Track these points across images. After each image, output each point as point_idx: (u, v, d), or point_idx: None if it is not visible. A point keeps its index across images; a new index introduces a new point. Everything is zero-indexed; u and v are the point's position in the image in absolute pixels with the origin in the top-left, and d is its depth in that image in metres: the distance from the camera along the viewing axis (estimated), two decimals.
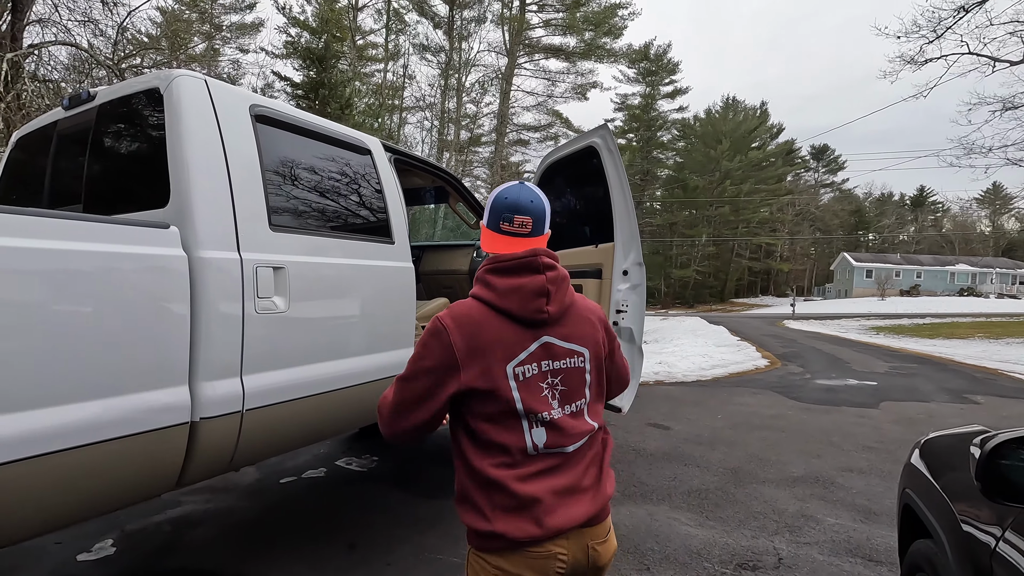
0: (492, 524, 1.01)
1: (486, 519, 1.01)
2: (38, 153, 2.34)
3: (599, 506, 1.09)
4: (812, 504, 3.33)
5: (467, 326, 1.04)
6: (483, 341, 1.03)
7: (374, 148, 2.60)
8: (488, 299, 1.07)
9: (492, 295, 1.07)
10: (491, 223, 1.13)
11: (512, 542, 1.00)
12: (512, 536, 1.00)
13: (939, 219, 70.38)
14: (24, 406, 1.30)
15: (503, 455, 1.03)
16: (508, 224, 1.11)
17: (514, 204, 1.11)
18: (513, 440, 1.04)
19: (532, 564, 1.02)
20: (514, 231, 1.11)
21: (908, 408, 6.17)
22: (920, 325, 19.85)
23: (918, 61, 13.56)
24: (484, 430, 1.04)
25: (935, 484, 1.56)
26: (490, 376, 1.02)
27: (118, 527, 2.81)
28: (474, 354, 1.02)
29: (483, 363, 1.02)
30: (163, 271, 1.60)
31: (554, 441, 1.06)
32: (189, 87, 1.82)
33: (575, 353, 1.12)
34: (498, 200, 1.13)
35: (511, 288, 1.06)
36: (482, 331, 1.04)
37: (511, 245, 1.11)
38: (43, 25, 8.54)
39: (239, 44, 28.74)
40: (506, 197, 1.12)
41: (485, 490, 1.03)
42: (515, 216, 1.10)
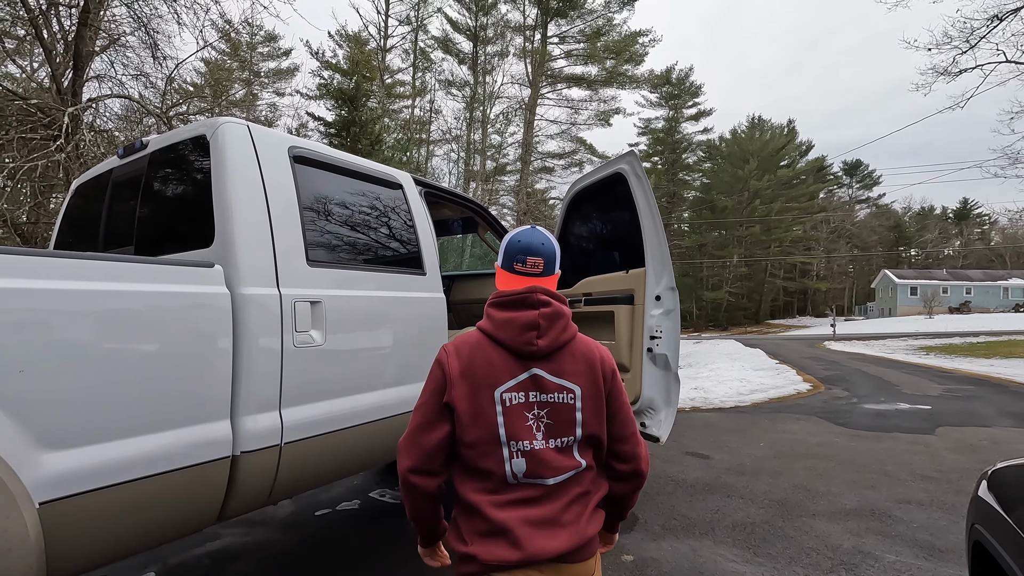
0: (469, 547, 1.07)
1: (464, 542, 1.08)
2: (94, 199, 2.49)
3: (577, 543, 1.09)
4: (869, 539, 3.12)
5: (464, 352, 1.14)
6: (475, 366, 1.12)
7: (405, 182, 2.67)
8: (486, 329, 1.16)
9: (490, 325, 1.16)
10: (505, 264, 1.22)
11: (485, 565, 1.05)
12: (484, 559, 1.05)
13: (987, 232, 67.23)
14: (77, 443, 1.36)
15: (483, 480, 1.10)
16: (521, 264, 1.19)
17: (526, 246, 1.20)
18: (493, 466, 1.09)
19: None
20: (526, 271, 1.19)
21: (968, 434, 5.78)
22: (974, 344, 18.74)
23: (952, 72, 13.22)
24: (468, 455, 1.11)
25: (1008, 520, 1.44)
26: (476, 398, 1.10)
27: (160, 560, 2.85)
28: (464, 376, 1.11)
29: (471, 384, 1.11)
30: (208, 308, 1.66)
31: (533, 471, 1.10)
32: (233, 133, 1.92)
33: (565, 389, 1.15)
34: (512, 243, 1.21)
35: (505, 320, 1.15)
36: (476, 357, 1.13)
37: (516, 282, 1.20)
38: (100, 80, 9.24)
39: (276, 88, 30.37)
40: (519, 240, 1.21)
41: (467, 514, 1.11)
42: (527, 257, 1.19)
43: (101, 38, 8.98)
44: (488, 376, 1.11)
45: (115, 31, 9.16)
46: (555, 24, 29.12)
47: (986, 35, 12.52)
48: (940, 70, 13.30)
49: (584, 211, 3.36)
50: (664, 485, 4.10)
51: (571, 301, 3.11)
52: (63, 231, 2.70)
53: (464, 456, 1.11)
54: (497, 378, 1.12)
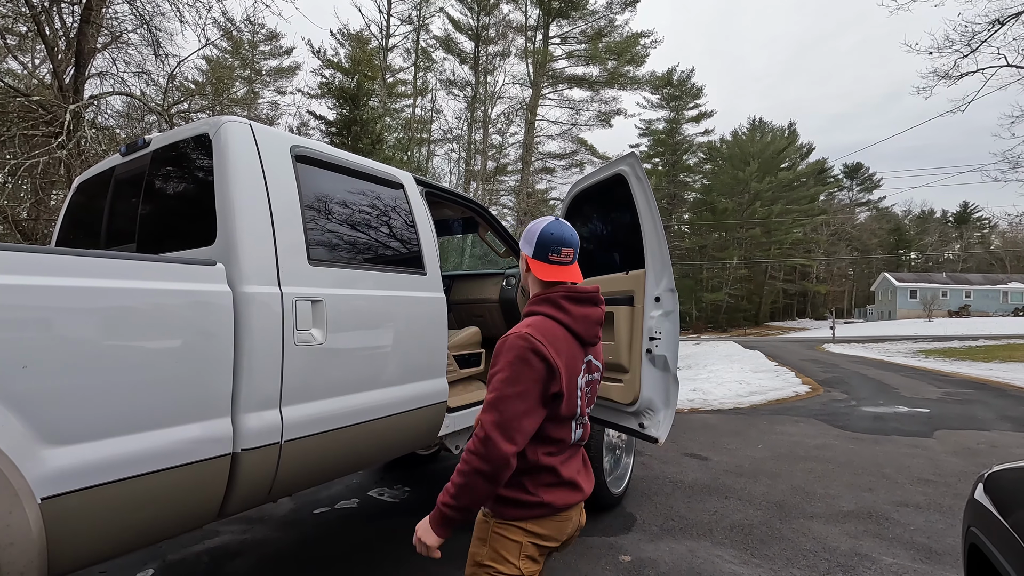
0: (539, 497, 1.27)
1: (531, 494, 1.27)
2: (96, 196, 2.50)
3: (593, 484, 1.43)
4: (866, 541, 3.13)
5: (556, 344, 1.25)
6: (565, 355, 1.26)
7: (406, 182, 2.68)
8: (564, 321, 1.30)
9: (568, 318, 1.30)
10: (539, 254, 1.35)
11: (555, 509, 1.29)
12: (556, 504, 1.29)
13: (986, 236, 67.22)
14: (79, 439, 1.36)
15: (555, 446, 1.30)
16: (556, 255, 1.34)
17: (560, 238, 1.34)
18: (565, 435, 1.32)
19: (558, 526, 1.31)
20: (560, 260, 1.34)
21: (966, 437, 5.79)
22: (973, 348, 18.74)
23: (953, 76, 13.21)
24: (549, 428, 1.28)
25: (1004, 523, 1.45)
26: (570, 385, 1.28)
27: (159, 557, 2.86)
28: (564, 366, 1.26)
29: (568, 373, 1.27)
30: (209, 306, 1.67)
31: (581, 436, 1.39)
32: (236, 132, 1.93)
33: (599, 368, 1.42)
34: (545, 235, 1.34)
35: (583, 316, 1.32)
36: (562, 348, 1.27)
37: (559, 272, 1.35)
38: (102, 77, 9.23)
39: (277, 87, 30.39)
40: (552, 232, 1.34)
41: (533, 473, 1.28)
42: (562, 248, 1.34)
43: (103, 35, 8.98)
44: (574, 365, 1.29)
45: (117, 28, 9.17)
46: (557, 25, 29.13)
47: (987, 39, 12.52)
48: (941, 74, 13.30)
49: (584, 212, 3.37)
50: (662, 486, 4.11)
51: None
52: (65, 228, 2.71)
53: (544, 427, 1.27)
54: (577, 366, 1.30)
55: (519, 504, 1.27)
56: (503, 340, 1.27)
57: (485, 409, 1.21)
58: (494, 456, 1.16)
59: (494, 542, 1.29)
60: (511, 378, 1.20)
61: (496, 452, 1.16)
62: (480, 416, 1.22)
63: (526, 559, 1.27)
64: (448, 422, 2.69)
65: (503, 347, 1.25)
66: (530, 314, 1.34)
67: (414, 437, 2.52)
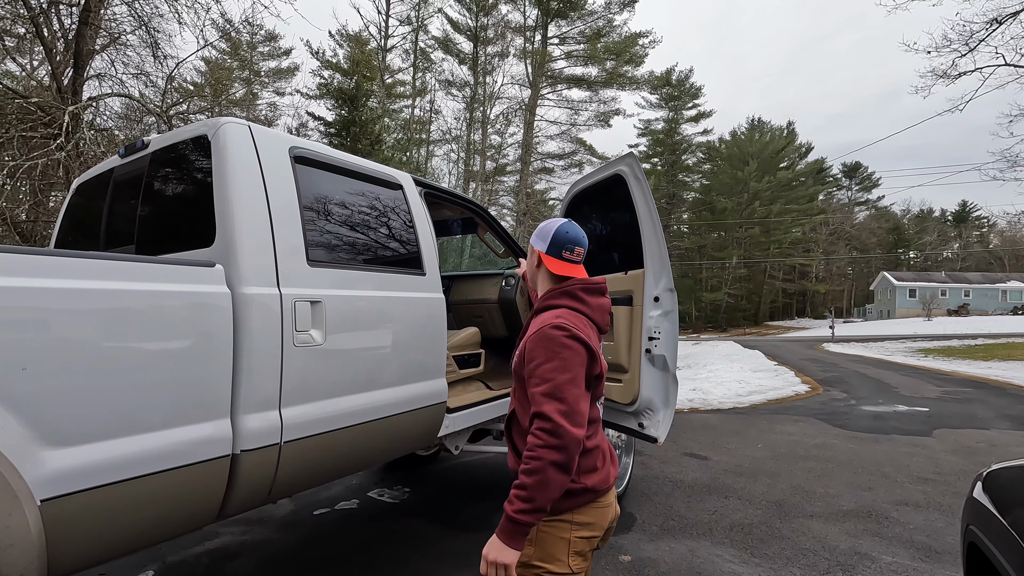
0: (581, 483, 1.29)
1: (574, 481, 1.27)
2: (95, 198, 2.50)
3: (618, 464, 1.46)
4: (866, 540, 3.13)
5: (582, 329, 1.32)
6: (591, 341, 1.32)
7: (405, 183, 2.68)
8: (584, 311, 1.38)
9: (588, 308, 1.39)
10: (553, 250, 1.45)
11: (597, 493, 1.32)
12: (599, 488, 1.31)
13: (985, 235, 67.29)
14: (79, 440, 1.36)
15: (591, 428, 1.33)
16: (570, 253, 1.44)
17: (575, 238, 1.45)
18: (596, 414, 1.37)
19: (601, 513, 1.33)
20: (572, 259, 1.45)
21: (966, 436, 5.80)
22: (972, 346, 18.76)
23: (951, 75, 13.22)
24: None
25: (1003, 521, 1.45)
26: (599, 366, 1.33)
27: (159, 558, 2.86)
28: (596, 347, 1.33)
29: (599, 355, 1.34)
30: (208, 307, 1.67)
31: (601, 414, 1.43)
32: (235, 133, 1.93)
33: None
34: (560, 233, 1.45)
35: (599, 305, 1.42)
36: (589, 334, 1.33)
37: (570, 269, 1.44)
38: (100, 79, 9.22)
39: (276, 87, 30.38)
40: (567, 232, 1.45)
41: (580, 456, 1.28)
42: (575, 247, 1.45)
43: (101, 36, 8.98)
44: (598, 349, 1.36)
45: (116, 30, 9.16)
46: (555, 25, 29.12)
47: (985, 38, 12.54)
48: (939, 73, 13.31)
49: (583, 212, 3.37)
50: (662, 486, 4.11)
51: None
52: (64, 230, 2.71)
53: None
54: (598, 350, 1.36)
55: (568, 492, 1.27)
56: (538, 334, 1.29)
57: (542, 401, 1.21)
58: (569, 441, 1.17)
59: (542, 541, 1.27)
60: (561, 365, 1.23)
61: (570, 436, 1.17)
62: (538, 409, 1.21)
63: (575, 556, 1.28)
64: (448, 423, 2.69)
65: (540, 340, 1.28)
66: (549, 307, 1.39)
67: (414, 438, 2.52)
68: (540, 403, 1.21)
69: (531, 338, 1.32)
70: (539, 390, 1.23)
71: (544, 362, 1.25)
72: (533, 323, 1.41)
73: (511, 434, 1.44)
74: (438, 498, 3.88)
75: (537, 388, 1.24)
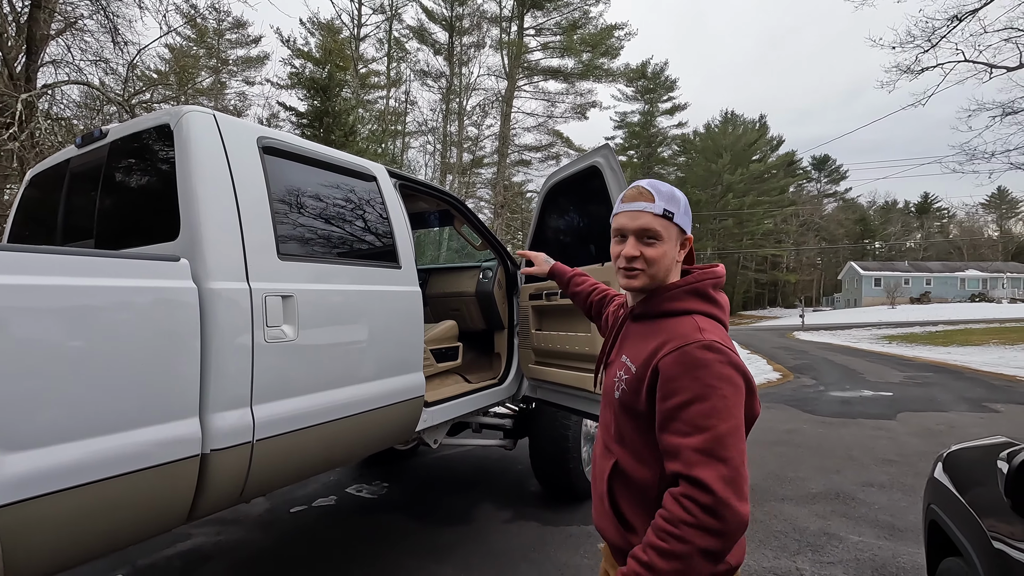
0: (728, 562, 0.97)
1: None
2: (51, 190, 2.38)
3: None
4: (834, 521, 3.24)
5: (736, 351, 0.97)
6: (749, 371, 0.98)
7: (379, 175, 2.64)
8: (721, 318, 1.05)
9: (722, 313, 1.05)
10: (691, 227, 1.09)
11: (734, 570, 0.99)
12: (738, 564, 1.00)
13: (946, 225, 70.04)
14: (36, 444, 1.30)
15: None
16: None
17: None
18: None
19: None
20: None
21: (927, 419, 6.05)
22: (933, 333, 19.57)
23: (914, 70, 13.65)
24: None
25: (961, 499, 1.52)
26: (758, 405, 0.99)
27: (129, 563, 2.78)
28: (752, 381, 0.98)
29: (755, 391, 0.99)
30: (174, 303, 1.61)
31: None
32: (199, 122, 1.86)
33: None
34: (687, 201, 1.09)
35: (726, 306, 1.08)
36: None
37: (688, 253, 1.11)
38: (56, 65, 8.80)
39: (245, 77, 29.51)
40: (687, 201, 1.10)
41: None
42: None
43: (57, 21, 8.56)
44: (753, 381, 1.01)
45: (71, 14, 8.75)
46: (531, 16, 28.99)
47: (946, 35, 12.96)
48: (903, 68, 13.71)
49: (560, 204, 3.37)
50: None
51: (547, 294, 3.12)
52: (18, 223, 2.58)
53: None
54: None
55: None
56: (682, 357, 0.93)
57: (697, 460, 0.86)
58: (734, 526, 0.84)
59: None
60: (721, 408, 0.88)
61: (736, 519, 0.84)
62: (690, 472, 0.86)
63: None
64: (426, 416, 2.67)
65: (688, 366, 0.92)
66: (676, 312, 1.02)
67: (391, 433, 2.49)
68: (692, 463, 0.86)
69: (671, 360, 0.93)
70: (689, 443, 0.88)
71: (695, 401, 0.89)
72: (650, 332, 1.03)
73: (613, 493, 1.05)
74: (418, 492, 3.86)
75: (685, 440, 0.88)
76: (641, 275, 1.05)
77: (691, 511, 0.84)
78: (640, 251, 1.04)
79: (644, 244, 1.04)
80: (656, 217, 1.04)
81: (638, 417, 1.00)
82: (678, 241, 1.07)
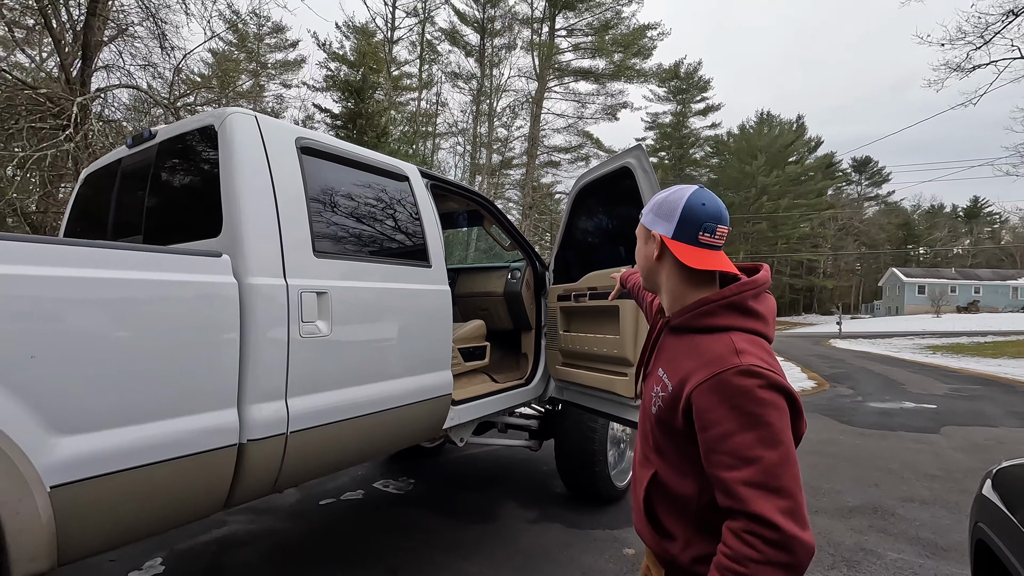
0: None
1: None
2: (103, 188, 2.51)
3: None
4: (871, 537, 3.12)
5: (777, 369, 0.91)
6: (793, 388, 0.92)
7: (411, 175, 2.67)
8: (764, 332, 0.96)
9: (764, 326, 0.97)
10: (687, 235, 0.98)
11: None
12: None
13: (997, 231, 66.50)
14: (88, 428, 1.38)
15: None
16: (709, 236, 0.97)
17: (715, 213, 0.98)
18: None
19: None
20: (714, 243, 0.98)
21: (973, 433, 5.75)
22: (981, 344, 18.59)
23: (965, 68, 13.05)
24: None
25: (1012, 518, 1.44)
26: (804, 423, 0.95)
27: (168, 546, 2.89)
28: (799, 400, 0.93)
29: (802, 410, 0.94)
30: (215, 298, 1.68)
31: None
32: (241, 123, 1.93)
33: None
34: (694, 207, 0.98)
35: (771, 315, 0.99)
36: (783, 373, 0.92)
37: (714, 260, 0.98)
38: (108, 70, 9.26)
39: (283, 80, 30.37)
40: (703, 204, 0.98)
41: None
42: (718, 227, 0.98)
43: (109, 28, 9.00)
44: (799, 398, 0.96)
45: (123, 21, 9.18)
46: (563, 17, 28.88)
47: (1001, 31, 12.34)
48: (953, 66, 13.14)
49: (589, 205, 3.35)
50: None
51: (576, 295, 3.11)
52: (72, 220, 2.72)
53: None
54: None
55: None
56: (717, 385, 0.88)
57: (752, 496, 0.82)
58: (803, 557, 0.81)
59: None
60: (767, 436, 0.84)
61: (805, 550, 0.81)
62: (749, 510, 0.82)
63: None
64: (453, 415, 2.69)
65: (724, 395, 0.87)
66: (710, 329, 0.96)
67: (419, 429, 2.53)
68: (746, 498, 0.83)
69: (706, 389, 0.89)
70: (739, 476, 0.84)
71: (736, 432, 0.85)
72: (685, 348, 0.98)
73: (651, 502, 1.03)
74: (443, 490, 3.90)
75: (733, 474, 0.84)
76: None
77: (757, 547, 0.81)
78: None
79: None
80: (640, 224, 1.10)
81: (675, 434, 0.97)
82: (646, 240, 1.08)
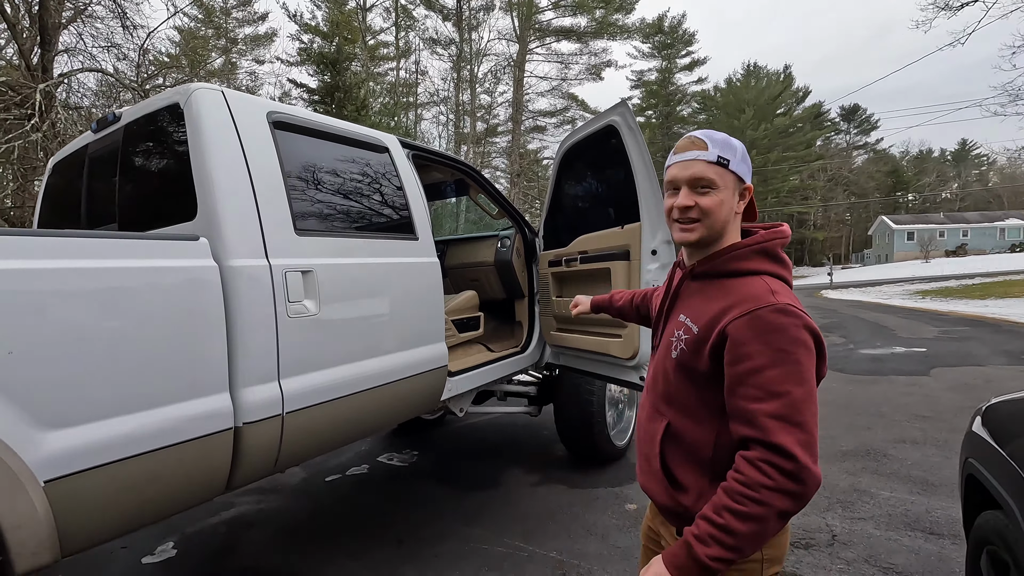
0: None
1: None
2: (73, 177, 2.42)
3: None
4: (864, 478, 3.21)
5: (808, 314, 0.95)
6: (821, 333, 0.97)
7: (391, 145, 2.60)
8: (788, 279, 1.00)
9: (788, 275, 1.00)
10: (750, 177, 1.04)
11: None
12: None
13: (984, 173, 66.57)
14: (78, 421, 1.36)
15: None
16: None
17: None
18: None
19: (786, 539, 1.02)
20: None
21: (963, 374, 5.89)
22: (969, 286, 18.86)
23: (953, 7, 12.77)
24: None
25: (1002, 452, 1.47)
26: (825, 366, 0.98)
27: (178, 530, 2.93)
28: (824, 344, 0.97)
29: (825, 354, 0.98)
30: (196, 282, 1.64)
31: None
32: (208, 99, 1.84)
33: None
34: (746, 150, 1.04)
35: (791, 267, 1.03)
36: None
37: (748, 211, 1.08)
38: (71, 54, 8.88)
39: (255, 56, 29.28)
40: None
41: None
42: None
43: (67, 9, 8.58)
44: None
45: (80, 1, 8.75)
46: None
47: None
48: (941, 4, 12.85)
49: (576, 168, 3.29)
50: None
51: (567, 260, 3.08)
52: (44, 211, 2.64)
53: None
54: None
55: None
56: (755, 320, 0.90)
57: (774, 427, 0.85)
58: (812, 488, 0.85)
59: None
60: (795, 373, 0.87)
61: (814, 482, 0.85)
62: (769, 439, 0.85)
63: None
64: (450, 386, 2.70)
65: (761, 330, 0.89)
66: (745, 272, 0.98)
67: (417, 402, 2.53)
68: (769, 429, 0.85)
69: (743, 324, 0.90)
70: (764, 408, 0.86)
71: (769, 366, 0.87)
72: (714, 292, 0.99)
73: (664, 454, 1.03)
74: (446, 460, 3.96)
75: (760, 405, 0.87)
76: (698, 227, 1.00)
77: (771, 476, 0.84)
78: (695, 201, 0.99)
79: (698, 194, 1.00)
80: (709, 164, 0.99)
81: (696, 377, 0.98)
82: (736, 191, 1.02)
